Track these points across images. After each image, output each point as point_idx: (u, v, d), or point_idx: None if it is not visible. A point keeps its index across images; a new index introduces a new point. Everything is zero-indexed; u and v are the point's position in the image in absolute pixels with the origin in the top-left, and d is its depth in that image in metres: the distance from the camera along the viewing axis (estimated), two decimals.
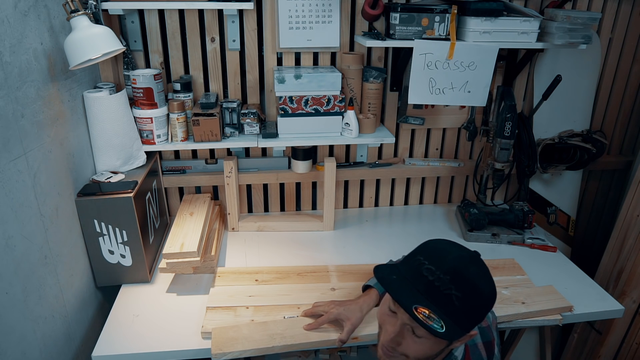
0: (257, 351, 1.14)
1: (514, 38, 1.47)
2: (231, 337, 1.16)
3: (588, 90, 1.85)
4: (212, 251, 1.48)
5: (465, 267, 0.83)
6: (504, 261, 1.54)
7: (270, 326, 1.20)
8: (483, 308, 0.85)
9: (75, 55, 1.14)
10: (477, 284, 0.83)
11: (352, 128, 1.58)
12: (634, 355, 1.80)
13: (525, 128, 1.70)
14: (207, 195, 1.74)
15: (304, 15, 1.55)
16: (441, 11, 1.43)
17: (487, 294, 0.84)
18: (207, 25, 1.55)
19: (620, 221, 1.74)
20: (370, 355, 1.98)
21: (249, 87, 1.65)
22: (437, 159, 1.89)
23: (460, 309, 0.81)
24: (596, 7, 1.74)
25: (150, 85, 1.44)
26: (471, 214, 1.70)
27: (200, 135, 1.51)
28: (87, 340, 1.29)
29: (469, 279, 0.82)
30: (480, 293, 0.83)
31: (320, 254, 1.60)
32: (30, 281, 1.03)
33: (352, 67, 1.60)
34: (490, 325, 0.98)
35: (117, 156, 1.42)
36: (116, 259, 1.36)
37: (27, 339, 1.01)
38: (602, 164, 2.01)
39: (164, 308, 1.32)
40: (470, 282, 0.82)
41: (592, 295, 1.41)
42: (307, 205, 1.89)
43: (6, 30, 0.97)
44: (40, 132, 1.10)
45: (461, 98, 1.54)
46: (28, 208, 1.03)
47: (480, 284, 0.83)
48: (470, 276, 0.83)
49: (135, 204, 1.30)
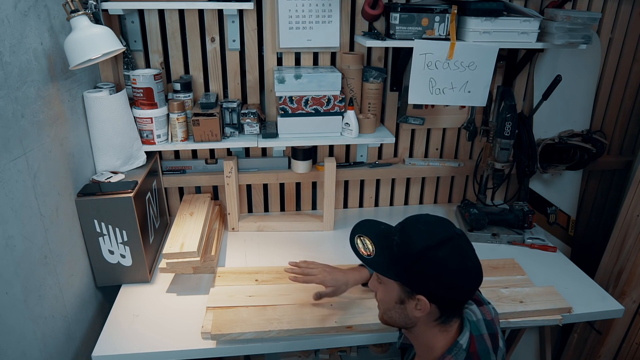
0: (254, 334, 1.19)
1: (514, 38, 1.47)
2: (230, 320, 1.21)
3: (588, 90, 1.85)
4: (212, 251, 1.48)
5: (416, 222, 0.92)
6: (504, 261, 1.54)
7: (269, 311, 1.26)
8: (415, 262, 0.87)
9: (75, 55, 1.14)
10: (413, 237, 0.88)
11: (352, 128, 1.58)
12: (634, 355, 1.80)
13: (525, 128, 1.70)
14: (207, 195, 1.74)
15: (304, 15, 1.55)
16: (441, 11, 1.43)
17: (418, 249, 0.86)
18: (207, 25, 1.55)
19: (620, 221, 1.74)
20: (371, 355, 1.98)
21: (249, 87, 1.66)
22: (437, 159, 1.89)
23: (396, 255, 0.89)
24: (596, 7, 1.74)
25: (150, 85, 1.44)
26: (471, 214, 1.70)
27: (200, 135, 1.51)
28: (87, 340, 1.29)
29: (410, 232, 0.90)
30: (412, 245, 0.87)
31: (320, 254, 1.60)
32: (30, 281, 1.03)
33: (352, 67, 1.60)
34: (494, 319, 1.00)
35: (117, 156, 1.42)
36: (116, 259, 1.36)
37: (27, 338, 1.01)
38: (602, 164, 2.01)
39: (164, 308, 1.32)
40: (409, 234, 0.89)
41: (592, 295, 1.41)
42: (307, 205, 1.89)
43: (6, 30, 0.97)
44: (40, 132, 1.10)
45: (461, 98, 1.54)
46: (28, 208, 1.03)
47: (417, 238, 0.88)
48: (414, 230, 0.90)
49: (135, 204, 1.30)
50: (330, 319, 1.24)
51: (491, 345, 0.94)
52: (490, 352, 0.93)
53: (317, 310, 1.27)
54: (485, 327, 0.96)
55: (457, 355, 0.89)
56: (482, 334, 0.94)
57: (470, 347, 0.91)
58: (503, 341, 0.99)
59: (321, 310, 1.27)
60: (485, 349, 0.93)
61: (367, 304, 1.29)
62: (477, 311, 0.97)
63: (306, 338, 1.22)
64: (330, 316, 1.25)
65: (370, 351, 1.99)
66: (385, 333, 1.24)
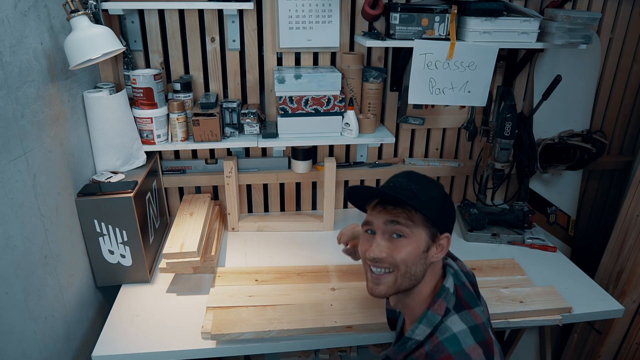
0: (254, 334, 1.19)
1: (514, 38, 1.47)
2: (230, 320, 1.21)
3: (588, 90, 1.85)
4: (212, 251, 1.48)
5: (410, 175, 0.98)
6: (504, 261, 1.54)
7: (269, 311, 1.25)
8: (443, 203, 0.96)
9: (75, 55, 1.14)
10: (425, 185, 0.96)
11: (352, 128, 1.58)
12: (634, 355, 1.80)
13: (525, 128, 1.70)
14: (207, 195, 1.74)
15: (304, 15, 1.55)
16: (441, 11, 1.43)
17: (437, 192, 0.96)
18: (207, 25, 1.55)
19: (620, 221, 1.74)
20: (371, 355, 1.98)
21: (249, 87, 1.66)
22: (437, 159, 1.89)
23: (423, 199, 0.92)
24: (596, 7, 1.74)
25: (150, 85, 1.44)
26: (471, 214, 1.70)
27: (200, 135, 1.51)
28: (87, 340, 1.29)
29: (421, 177, 0.98)
30: (434, 185, 0.98)
31: (320, 254, 1.60)
32: (30, 281, 1.03)
33: (352, 67, 1.60)
34: (469, 272, 1.07)
35: (117, 156, 1.42)
36: (116, 259, 1.36)
37: (27, 338, 1.01)
38: (602, 164, 2.01)
39: (164, 308, 1.32)
40: (421, 183, 0.96)
41: (592, 295, 1.41)
42: (307, 205, 1.89)
43: (6, 30, 0.97)
44: (40, 132, 1.10)
45: (461, 98, 1.54)
46: (28, 208, 1.03)
47: (429, 185, 0.97)
48: (419, 180, 0.97)
49: (135, 204, 1.30)
50: (330, 319, 1.24)
51: (474, 292, 1.00)
52: (474, 296, 0.98)
53: (317, 310, 1.27)
54: (464, 277, 1.01)
55: (446, 298, 0.94)
56: (463, 282, 0.99)
57: (457, 293, 0.96)
58: (484, 302, 1.06)
59: (321, 310, 1.27)
60: (470, 294, 0.97)
61: (367, 304, 1.29)
62: (453, 264, 1.02)
63: (306, 338, 1.22)
64: (330, 316, 1.25)
65: (370, 351, 1.99)
66: (385, 333, 1.24)
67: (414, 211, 0.92)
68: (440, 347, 0.86)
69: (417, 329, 0.92)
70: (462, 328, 0.88)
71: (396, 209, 0.93)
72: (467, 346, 0.85)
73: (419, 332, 0.92)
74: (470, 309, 0.92)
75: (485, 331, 0.89)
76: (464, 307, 0.92)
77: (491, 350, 0.86)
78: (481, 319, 0.91)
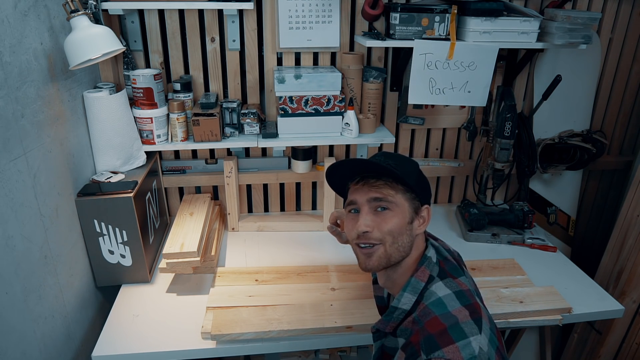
0: (254, 334, 1.19)
1: (514, 38, 1.47)
2: (230, 320, 1.21)
3: (588, 90, 1.85)
4: (212, 251, 1.48)
5: (385, 154, 1.03)
6: (504, 261, 1.54)
7: (269, 312, 1.26)
8: (419, 176, 1.02)
9: (75, 55, 1.14)
10: (401, 160, 1.01)
11: (352, 128, 1.58)
12: (634, 355, 1.80)
13: (525, 128, 1.70)
14: (207, 195, 1.74)
15: (304, 15, 1.55)
16: (441, 11, 1.43)
17: (414, 165, 1.03)
18: (207, 25, 1.55)
19: (620, 221, 1.74)
20: (371, 355, 1.98)
21: (249, 87, 1.66)
22: (437, 159, 1.89)
23: (401, 172, 0.95)
24: (596, 7, 1.74)
25: (150, 85, 1.44)
26: (471, 214, 1.70)
27: (200, 135, 1.51)
28: (87, 340, 1.29)
29: (397, 155, 1.04)
30: (410, 160, 1.03)
31: (320, 254, 1.60)
32: (30, 281, 1.03)
33: (352, 67, 1.60)
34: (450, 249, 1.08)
35: (117, 156, 1.42)
36: (116, 259, 1.36)
37: (27, 338, 1.01)
38: (602, 164, 2.01)
39: (164, 308, 1.32)
40: (399, 155, 1.04)
41: (592, 295, 1.41)
42: (307, 205, 1.89)
43: (6, 30, 0.97)
44: (40, 132, 1.10)
45: (461, 98, 1.54)
46: (28, 208, 1.03)
47: (404, 159, 1.02)
48: (394, 156, 1.02)
49: (135, 204, 1.30)
50: (330, 319, 1.24)
51: (458, 266, 1.00)
52: (458, 268, 0.99)
53: (317, 310, 1.27)
54: (446, 253, 1.02)
55: (429, 266, 0.95)
56: (445, 257, 1.00)
57: (440, 264, 0.97)
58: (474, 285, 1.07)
59: (321, 310, 1.27)
60: (453, 266, 0.98)
61: (367, 304, 1.29)
62: (434, 242, 1.04)
63: (306, 338, 1.22)
64: (330, 316, 1.25)
65: (370, 351, 1.99)
66: None
67: (395, 183, 0.96)
68: (427, 311, 0.88)
69: (403, 297, 0.93)
70: (447, 292, 0.89)
71: (378, 181, 0.96)
72: (453, 308, 0.86)
73: (404, 301, 0.93)
74: (455, 278, 0.94)
75: (470, 296, 0.90)
76: (448, 276, 0.94)
77: (478, 312, 0.86)
78: (466, 286, 0.92)
